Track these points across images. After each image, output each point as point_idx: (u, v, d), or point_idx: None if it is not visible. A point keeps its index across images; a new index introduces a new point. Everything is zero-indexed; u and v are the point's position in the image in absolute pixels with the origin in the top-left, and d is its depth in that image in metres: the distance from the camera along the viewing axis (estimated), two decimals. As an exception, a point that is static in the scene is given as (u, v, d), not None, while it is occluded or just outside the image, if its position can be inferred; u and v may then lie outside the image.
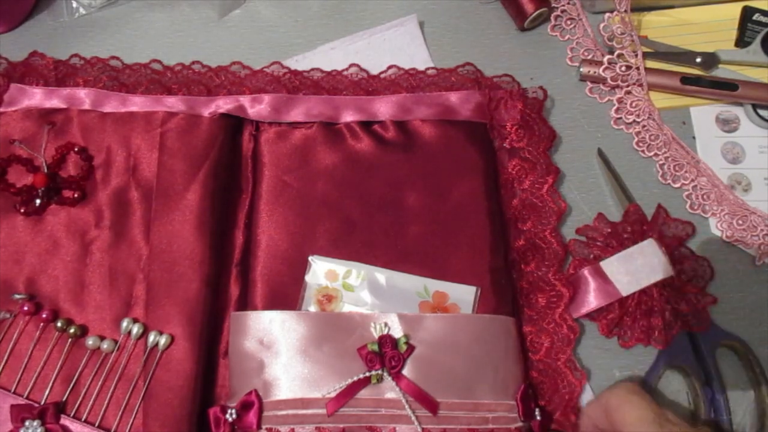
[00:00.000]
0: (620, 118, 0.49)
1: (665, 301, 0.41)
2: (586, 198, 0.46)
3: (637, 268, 0.41)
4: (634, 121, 0.49)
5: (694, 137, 0.48)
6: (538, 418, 0.38)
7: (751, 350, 0.42)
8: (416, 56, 0.50)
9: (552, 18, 0.52)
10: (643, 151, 0.48)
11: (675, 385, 0.42)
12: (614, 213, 0.46)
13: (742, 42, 0.50)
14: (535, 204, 0.44)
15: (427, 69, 0.48)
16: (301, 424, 0.37)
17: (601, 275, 0.42)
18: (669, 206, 0.46)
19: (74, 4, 0.54)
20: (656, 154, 0.48)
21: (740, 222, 0.45)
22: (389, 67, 0.48)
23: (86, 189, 0.44)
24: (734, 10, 0.51)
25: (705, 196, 0.47)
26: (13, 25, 0.53)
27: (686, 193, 0.47)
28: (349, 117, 0.46)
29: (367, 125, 0.46)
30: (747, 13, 0.51)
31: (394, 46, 0.50)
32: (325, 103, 0.46)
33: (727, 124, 0.49)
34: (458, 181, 0.44)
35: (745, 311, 0.44)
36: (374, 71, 0.48)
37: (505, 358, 0.39)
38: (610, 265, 0.42)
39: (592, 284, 0.42)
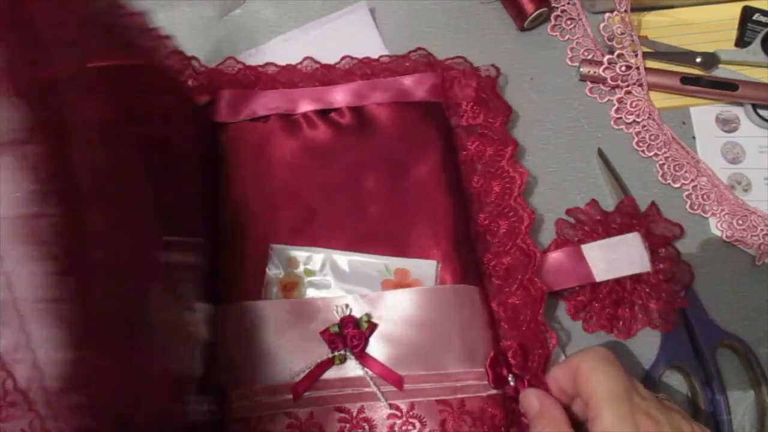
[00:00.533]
0: (620, 118, 0.49)
1: (637, 295, 0.42)
2: (586, 198, 0.46)
3: (617, 257, 0.41)
4: (634, 121, 0.49)
5: (694, 137, 0.48)
6: (512, 383, 0.38)
7: (751, 350, 0.42)
8: (369, 42, 0.51)
9: (552, 18, 0.52)
10: (643, 151, 0.48)
11: (675, 385, 0.42)
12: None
13: (742, 42, 0.50)
14: (496, 175, 0.44)
15: (381, 56, 0.48)
16: (270, 411, 0.37)
17: (579, 257, 0.42)
18: (669, 206, 0.46)
19: (74, 5, 0.54)
20: (656, 154, 0.48)
21: (740, 222, 0.45)
22: (343, 58, 0.48)
23: None
24: (734, 10, 0.51)
25: (705, 196, 0.47)
26: (14, 26, 0.53)
27: (686, 193, 0.47)
28: (305, 108, 0.46)
29: (323, 113, 0.46)
30: (747, 13, 0.51)
31: (347, 34, 0.51)
32: (282, 96, 0.46)
33: (727, 124, 0.49)
34: (416, 159, 0.44)
35: (745, 311, 0.44)
36: (329, 59, 0.48)
37: (470, 327, 0.40)
38: (590, 250, 0.42)
39: (568, 264, 0.42)
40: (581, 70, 0.49)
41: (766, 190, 0.47)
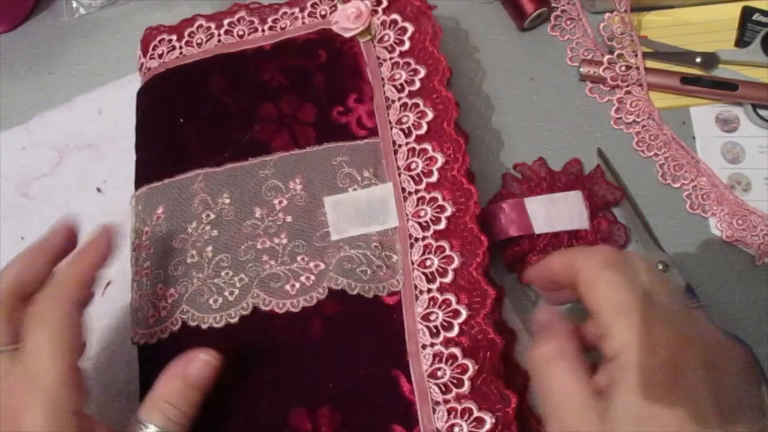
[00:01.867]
0: (620, 118, 0.49)
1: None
2: (586, 198, 0.47)
3: (557, 212, 0.43)
4: (634, 121, 0.49)
5: (693, 137, 0.48)
6: None
7: (751, 350, 0.42)
8: None
9: (552, 18, 0.52)
10: (642, 151, 0.48)
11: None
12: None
13: (741, 42, 0.50)
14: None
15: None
16: None
17: (520, 209, 0.43)
18: (668, 206, 0.46)
19: (74, 4, 0.54)
20: (656, 154, 0.48)
21: (740, 222, 0.46)
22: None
23: None
24: (734, 10, 0.51)
25: (705, 196, 0.47)
26: (13, 25, 0.53)
27: (686, 193, 0.47)
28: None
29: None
30: (747, 13, 0.51)
31: None
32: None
33: (727, 124, 0.49)
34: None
35: (745, 311, 0.44)
36: None
37: None
38: (532, 203, 0.43)
39: (509, 215, 0.43)
40: (581, 70, 0.49)
41: (766, 190, 0.47)
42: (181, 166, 0.41)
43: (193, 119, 0.42)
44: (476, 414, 0.33)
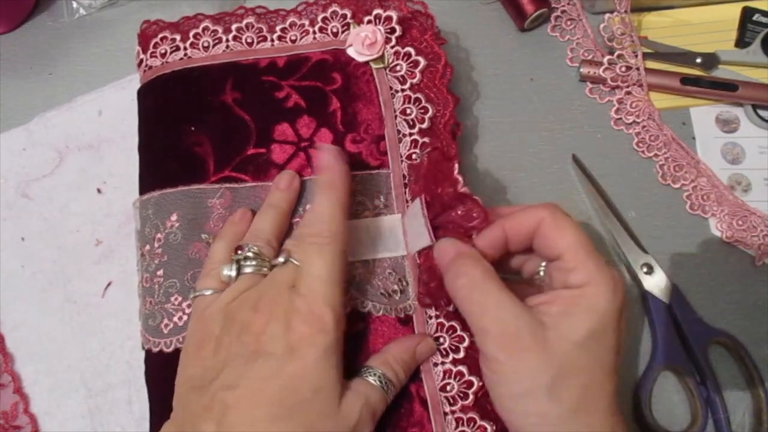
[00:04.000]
0: (620, 118, 0.49)
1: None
2: (587, 197, 0.46)
3: (413, 229, 0.38)
4: (634, 121, 0.49)
5: (693, 138, 0.48)
6: None
7: (743, 346, 0.42)
8: None
9: (552, 18, 0.52)
10: (643, 152, 0.48)
11: (670, 386, 0.42)
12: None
13: (742, 42, 0.50)
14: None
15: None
16: None
17: (405, 228, 0.39)
18: (669, 207, 0.46)
19: (74, 5, 0.54)
20: (656, 155, 0.48)
21: (740, 222, 0.46)
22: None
23: None
24: (734, 11, 0.51)
25: (705, 197, 0.47)
26: (13, 26, 0.53)
27: (686, 193, 0.47)
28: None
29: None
30: (747, 13, 0.51)
31: None
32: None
33: (727, 125, 0.49)
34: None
35: (745, 311, 0.44)
36: None
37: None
38: (406, 221, 0.39)
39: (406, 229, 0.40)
40: (581, 70, 0.49)
41: (766, 191, 0.47)
42: (195, 175, 0.41)
43: (204, 128, 0.42)
44: (479, 423, 0.36)
